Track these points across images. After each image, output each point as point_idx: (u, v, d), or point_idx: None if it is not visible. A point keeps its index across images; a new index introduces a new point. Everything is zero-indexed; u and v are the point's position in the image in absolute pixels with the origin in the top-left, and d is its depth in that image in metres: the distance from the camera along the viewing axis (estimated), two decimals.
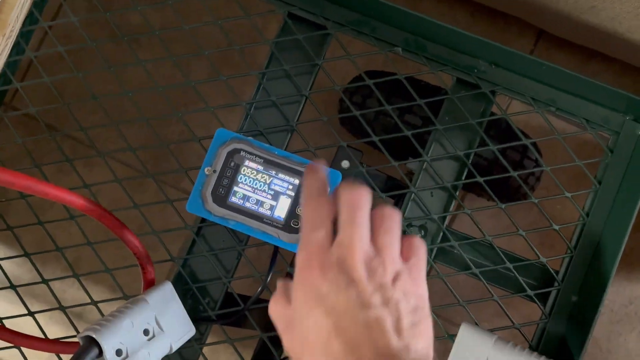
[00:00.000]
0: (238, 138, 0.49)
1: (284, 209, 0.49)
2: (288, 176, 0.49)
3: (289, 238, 0.49)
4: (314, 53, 0.59)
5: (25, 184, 0.39)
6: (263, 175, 0.49)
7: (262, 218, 0.49)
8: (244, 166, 0.49)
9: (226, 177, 0.49)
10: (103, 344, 0.46)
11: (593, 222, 0.56)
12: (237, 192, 0.49)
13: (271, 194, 0.49)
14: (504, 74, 0.57)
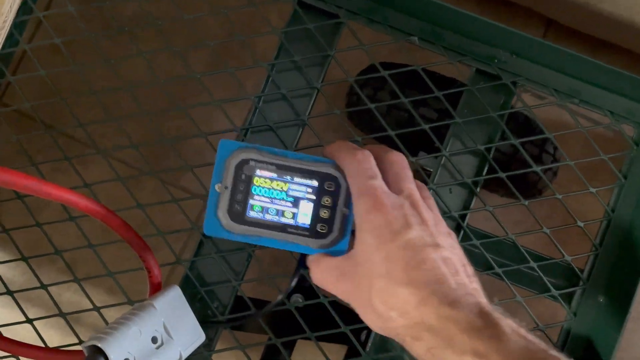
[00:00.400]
0: (244, 147, 0.45)
1: (307, 214, 0.45)
2: (305, 179, 0.45)
3: (318, 244, 0.45)
4: (325, 43, 0.56)
5: (25, 183, 0.36)
6: (278, 183, 0.45)
7: (286, 228, 0.45)
8: (256, 176, 0.45)
9: (240, 192, 0.45)
10: (110, 354, 0.43)
11: (619, 218, 0.54)
12: (255, 205, 0.45)
13: (291, 201, 0.45)
14: (525, 64, 0.55)
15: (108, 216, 0.45)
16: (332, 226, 0.44)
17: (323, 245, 0.44)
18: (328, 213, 0.44)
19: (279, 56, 0.56)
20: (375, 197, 0.39)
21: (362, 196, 0.39)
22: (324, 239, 0.44)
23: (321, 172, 0.44)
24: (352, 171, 0.41)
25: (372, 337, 0.54)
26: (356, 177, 0.40)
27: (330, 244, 0.44)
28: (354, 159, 0.41)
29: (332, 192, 0.44)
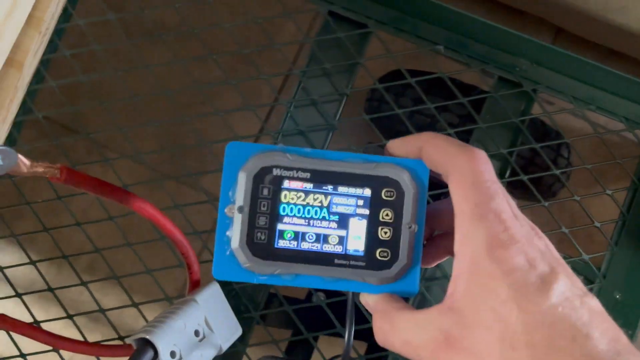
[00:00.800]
0: (263, 151, 0.32)
1: (360, 237, 0.32)
2: (353, 187, 0.32)
3: (379, 278, 0.32)
4: (355, 51, 0.59)
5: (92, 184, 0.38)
6: (316, 197, 0.32)
7: (332, 259, 0.32)
8: (285, 190, 0.32)
9: (262, 214, 0.32)
10: (158, 346, 0.45)
11: (634, 218, 0.57)
12: (285, 231, 0.32)
13: (335, 221, 0.32)
14: (545, 73, 0.57)
15: (156, 215, 0.47)
16: (396, 250, 0.32)
17: (387, 279, 0.32)
18: (390, 233, 0.32)
19: (310, 63, 0.59)
20: (505, 226, 0.27)
21: (482, 220, 0.27)
22: (388, 270, 0.32)
23: (375, 175, 0.32)
24: (465, 178, 0.28)
25: None
26: (472, 189, 0.28)
27: (397, 276, 0.32)
28: (472, 160, 0.29)
29: (393, 203, 0.32)
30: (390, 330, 0.29)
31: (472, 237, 0.28)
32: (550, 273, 0.27)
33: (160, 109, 0.60)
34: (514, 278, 0.26)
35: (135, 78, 0.63)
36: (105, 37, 0.61)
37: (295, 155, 0.33)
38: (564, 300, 0.26)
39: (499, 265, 0.27)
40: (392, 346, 0.29)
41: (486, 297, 0.27)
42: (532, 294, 0.26)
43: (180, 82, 0.59)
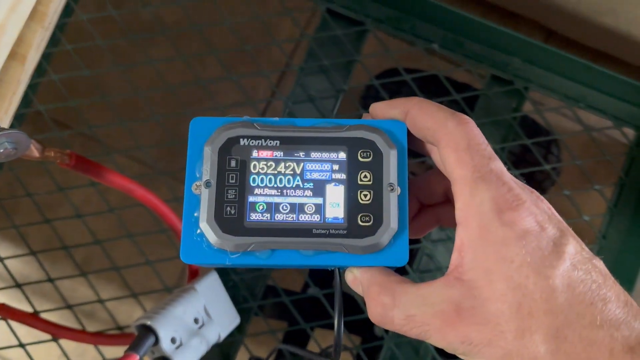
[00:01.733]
0: (228, 122, 0.30)
1: (338, 204, 0.29)
2: (326, 152, 0.30)
3: (363, 246, 0.29)
4: (352, 49, 0.60)
5: (99, 172, 0.39)
6: (288, 164, 0.30)
7: (309, 230, 0.29)
8: (254, 160, 0.30)
9: (231, 187, 0.30)
10: (159, 332, 0.47)
11: (621, 212, 0.58)
12: (257, 203, 0.30)
13: (310, 188, 0.30)
14: (537, 71, 0.59)
15: (159, 204, 0.48)
16: (379, 214, 0.29)
17: (373, 247, 0.29)
18: (370, 196, 0.29)
19: (307, 60, 0.60)
20: (509, 187, 0.26)
21: (485, 182, 0.25)
22: (372, 236, 0.29)
23: (349, 137, 0.30)
24: (459, 142, 0.26)
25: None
26: (469, 153, 0.26)
27: (383, 243, 0.29)
28: (463, 124, 0.27)
29: (371, 164, 0.30)
30: (391, 304, 0.27)
31: (477, 201, 0.26)
32: (561, 236, 0.26)
33: (159, 105, 0.61)
34: (527, 242, 0.25)
35: (135, 74, 0.64)
36: (105, 33, 0.62)
37: (262, 124, 0.30)
38: (577, 263, 0.25)
39: (511, 229, 0.25)
40: (392, 322, 0.27)
41: (499, 264, 0.25)
42: (547, 258, 0.25)
43: (180, 79, 0.60)
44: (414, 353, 0.57)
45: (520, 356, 0.25)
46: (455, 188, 0.27)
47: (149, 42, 0.64)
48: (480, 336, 0.25)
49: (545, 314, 0.24)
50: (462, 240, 0.26)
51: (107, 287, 0.64)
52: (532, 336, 0.24)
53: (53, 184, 0.61)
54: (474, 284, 0.25)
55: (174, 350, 0.47)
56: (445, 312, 0.26)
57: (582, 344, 0.24)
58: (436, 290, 0.26)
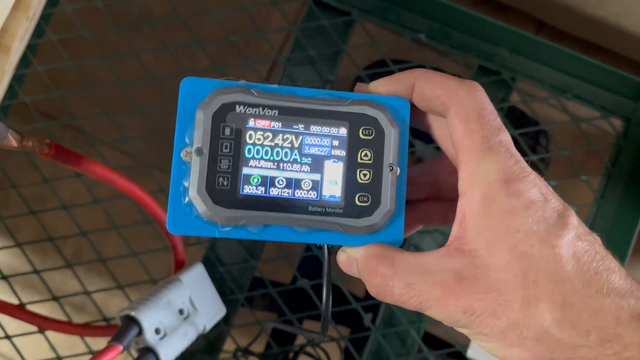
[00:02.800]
0: (225, 86, 0.28)
1: (336, 181, 0.28)
2: (327, 126, 0.29)
3: (360, 227, 0.28)
4: (338, 39, 0.60)
5: (79, 162, 0.39)
6: (286, 137, 0.28)
7: (305, 207, 0.28)
8: (250, 130, 0.28)
9: (224, 157, 0.28)
10: (143, 322, 0.46)
11: (608, 202, 0.58)
12: (252, 175, 0.28)
13: (308, 164, 0.29)
14: (523, 62, 0.59)
15: (142, 195, 0.48)
16: (378, 195, 0.28)
17: (369, 228, 0.28)
18: (369, 175, 0.28)
19: (294, 50, 0.60)
20: (516, 159, 0.25)
21: (494, 153, 0.25)
22: (369, 217, 0.28)
23: (351, 112, 0.29)
24: (470, 111, 0.26)
25: (379, 316, 0.58)
26: (479, 123, 0.25)
27: (379, 224, 0.28)
28: (473, 92, 0.27)
29: (372, 143, 0.29)
30: (391, 274, 0.26)
31: (483, 171, 0.25)
32: (564, 208, 0.25)
33: (146, 97, 0.61)
34: (532, 211, 0.25)
35: (122, 67, 0.64)
36: (92, 25, 0.62)
37: (260, 91, 0.28)
38: (581, 234, 0.25)
39: (517, 199, 0.25)
40: (392, 293, 0.26)
41: (503, 234, 0.24)
42: (552, 228, 0.24)
43: (168, 71, 0.60)
44: (401, 343, 0.57)
45: (527, 326, 0.24)
46: (462, 157, 0.26)
47: (137, 35, 0.64)
48: (483, 305, 0.24)
49: (551, 282, 0.24)
50: (464, 211, 0.25)
51: (96, 280, 0.64)
52: (538, 305, 0.24)
53: (40, 177, 0.61)
54: (476, 253, 0.25)
55: (158, 341, 0.47)
56: (446, 281, 0.25)
57: (589, 312, 0.24)
58: (436, 260, 0.26)
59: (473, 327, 0.25)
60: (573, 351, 0.24)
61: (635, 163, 0.59)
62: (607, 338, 0.24)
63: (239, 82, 0.28)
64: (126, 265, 0.60)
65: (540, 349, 0.24)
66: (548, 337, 0.24)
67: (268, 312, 0.69)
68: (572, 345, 0.24)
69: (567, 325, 0.24)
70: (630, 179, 0.59)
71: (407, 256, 0.26)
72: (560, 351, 0.24)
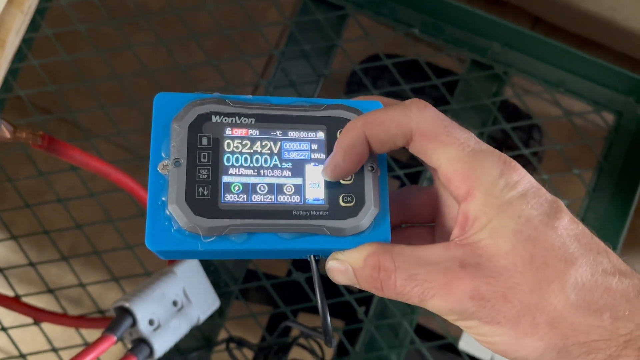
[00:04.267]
0: (199, 98, 0.29)
1: (318, 184, 0.28)
2: (304, 131, 0.29)
3: (346, 228, 0.28)
4: (332, 34, 0.60)
5: (71, 154, 0.39)
6: (264, 143, 0.28)
7: (289, 211, 0.28)
8: (227, 138, 0.28)
9: (203, 166, 0.27)
10: (137, 314, 0.47)
11: (599, 197, 0.59)
12: (232, 183, 0.28)
13: (288, 168, 0.28)
14: (516, 56, 0.59)
15: (135, 187, 0.48)
16: (361, 194, 0.28)
17: (355, 229, 0.28)
18: (352, 176, 0.29)
19: (288, 44, 0.60)
20: (500, 154, 0.26)
21: (476, 154, 0.26)
22: (355, 217, 0.28)
23: (327, 116, 0.29)
24: (434, 128, 0.26)
25: (371, 308, 0.58)
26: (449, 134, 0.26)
27: (365, 225, 0.28)
28: (423, 111, 0.27)
29: None
30: (392, 268, 0.26)
31: (477, 173, 0.25)
32: (552, 195, 0.26)
33: (142, 92, 0.61)
34: (530, 198, 0.25)
35: (118, 61, 0.64)
36: (88, 19, 0.62)
37: (235, 101, 0.29)
38: (574, 218, 0.26)
39: (514, 188, 0.25)
40: (394, 286, 0.26)
41: (505, 222, 0.25)
42: (550, 212, 0.25)
43: (164, 66, 0.60)
44: (394, 335, 0.57)
45: (540, 310, 0.24)
46: (448, 171, 0.26)
47: (133, 28, 0.64)
48: (492, 289, 0.24)
49: (560, 262, 0.24)
50: (466, 214, 0.26)
51: (93, 273, 0.65)
52: (550, 286, 0.24)
53: (35, 171, 0.61)
54: (478, 244, 0.25)
55: (151, 332, 0.47)
56: (449, 268, 0.25)
57: (599, 291, 0.24)
58: (436, 252, 0.25)
59: (483, 314, 0.24)
60: (587, 334, 0.24)
61: (626, 157, 0.59)
62: (619, 316, 0.24)
63: (213, 94, 0.29)
64: (122, 258, 0.61)
65: (555, 335, 0.24)
66: (562, 321, 0.24)
67: (263, 304, 0.69)
68: (586, 327, 0.24)
69: (580, 306, 0.24)
70: (621, 172, 0.59)
71: (406, 249, 0.26)
72: (574, 336, 0.24)
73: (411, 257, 0.26)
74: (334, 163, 0.28)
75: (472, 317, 0.24)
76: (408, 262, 0.25)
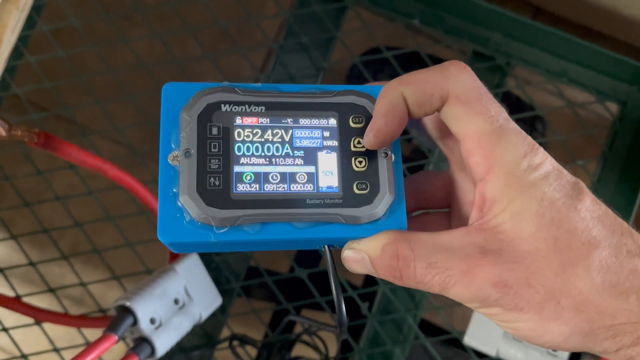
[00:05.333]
0: (207, 88, 0.28)
1: (331, 172, 0.28)
2: (316, 118, 0.28)
3: (361, 216, 0.27)
4: (331, 26, 0.59)
5: (68, 151, 0.39)
6: (275, 131, 0.28)
7: (303, 200, 0.27)
8: (238, 127, 0.28)
9: (214, 156, 0.27)
10: (138, 312, 0.46)
11: (603, 187, 0.58)
12: (244, 173, 0.27)
13: (301, 157, 0.28)
14: (518, 46, 0.59)
15: (134, 184, 0.48)
16: (376, 181, 0.28)
17: (370, 216, 0.27)
18: (365, 162, 0.28)
19: (287, 37, 0.60)
20: (524, 135, 0.25)
21: (504, 131, 0.25)
22: (370, 205, 0.27)
23: (338, 102, 0.28)
24: (469, 95, 0.26)
25: (375, 303, 0.58)
26: (482, 104, 0.25)
27: (380, 212, 0.27)
28: (463, 74, 0.26)
29: (363, 130, 0.28)
30: (411, 256, 0.25)
31: (501, 151, 0.25)
32: (574, 177, 0.25)
33: (140, 86, 0.60)
34: (552, 180, 0.24)
35: (115, 56, 0.64)
36: (84, 15, 0.61)
37: (244, 89, 0.28)
38: (596, 199, 0.25)
39: (537, 170, 0.24)
40: (414, 275, 0.25)
41: (528, 205, 0.24)
42: (573, 194, 0.24)
43: (161, 60, 0.60)
44: (398, 330, 0.57)
45: (565, 293, 0.23)
46: (472, 144, 0.25)
47: (130, 23, 0.64)
48: (515, 275, 0.23)
49: (584, 245, 0.24)
50: (484, 194, 0.25)
51: (94, 272, 0.64)
52: (574, 269, 0.23)
53: (34, 169, 0.60)
54: (499, 228, 0.24)
55: (153, 331, 0.47)
56: (470, 254, 0.24)
57: (625, 273, 0.24)
58: (456, 238, 0.25)
59: (506, 301, 0.23)
60: (613, 317, 0.23)
61: (631, 147, 0.58)
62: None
63: (222, 83, 0.28)
64: (123, 256, 0.60)
65: (581, 319, 0.23)
66: (588, 304, 0.23)
67: (266, 301, 0.69)
68: (612, 310, 0.23)
69: (607, 288, 0.23)
70: (626, 162, 0.58)
71: (424, 236, 0.25)
72: (600, 319, 0.23)
73: (430, 244, 0.25)
74: (377, 127, 0.26)
75: (495, 305, 0.24)
76: (427, 249, 0.25)
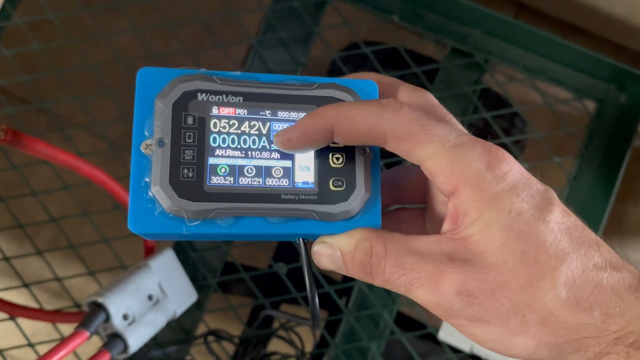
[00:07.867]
0: (184, 74, 0.27)
1: (308, 167, 0.27)
2: (294, 111, 0.27)
3: (334, 213, 0.27)
4: (310, 21, 0.59)
5: (37, 147, 0.38)
6: (252, 123, 0.27)
7: (277, 195, 0.27)
8: (214, 117, 0.27)
9: (188, 147, 0.26)
10: (110, 309, 0.46)
11: (580, 185, 0.59)
12: (218, 165, 0.26)
13: (277, 150, 0.27)
14: (497, 43, 0.59)
15: (106, 180, 0.47)
16: (352, 179, 0.27)
17: (345, 214, 0.27)
18: (342, 159, 0.28)
19: (265, 32, 0.59)
20: (484, 143, 0.25)
21: (459, 147, 0.24)
22: (346, 202, 0.27)
23: (318, 96, 0.28)
24: (407, 131, 0.25)
25: (352, 299, 0.58)
26: (426, 132, 0.25)
27: (356, 210, 0.27)
28: (400, 112, 0.25)
29: None
30: (383, 254, 0.25)
31: (463, 167, 0.24)
32: (544, 185, 0.25)
33: (121, 80, 0.60)
34: (520, 191, 0.24)
35: (97, 50, 0.63)
36: (63, 7, 0.60)
37: (223, 78, 0.27)
38: (566, 210, 0.25)
39: (504, 180, 0.24)
40: (383, 273, 0.25)
41: (496, 216, 0.24)
42: (541, 205, 0.24)
43: (142, 53, 0.59)
44: (374, 326, 0.57)
45: (530, 307, 0.23)
46: (432, 168, 0.25)
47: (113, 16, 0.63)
48: (480, 286, 0.23)
49: (551, 259, 0.23)
50: (457, 207, 0.25)
51: (73, 267, 0.63)
52: (540, 283, 0.23)
53: (9, 164, 0.60)
54: (470, 239, 0.24)
55: (126, 327, 0.47)
56: (439, 260, 0.24)
57: (590, 288, 0.23)
58: (428, 244, 0.25)
59: (471, 312, 0.23)
60: (578, 332, 0.23)
61: (607, 145, 0.59)
62: (610, 313, 0.23)
63: (199, 70, 0.27)
64: (102, 250, 0.59)
65: (546, 333, 0.23)
66: (552, 319, 0.23)
67: (245, 296, 0.69)
68: (577, 325, 0.23)
69: (571, 303, 0.23)
70: (602, 160, 0.59)
71: (397, 237, 0.25)
72: (565, 334, 0.23)
73: (402, 245, 0.25)
74: (288, 137, 0.26)
75: (460, 315, 0.24)
76: (398, 250, 0.25)
